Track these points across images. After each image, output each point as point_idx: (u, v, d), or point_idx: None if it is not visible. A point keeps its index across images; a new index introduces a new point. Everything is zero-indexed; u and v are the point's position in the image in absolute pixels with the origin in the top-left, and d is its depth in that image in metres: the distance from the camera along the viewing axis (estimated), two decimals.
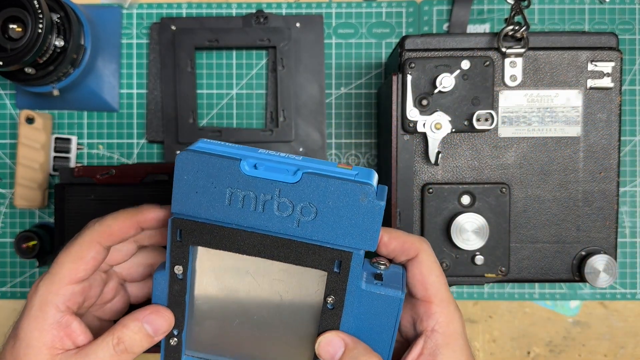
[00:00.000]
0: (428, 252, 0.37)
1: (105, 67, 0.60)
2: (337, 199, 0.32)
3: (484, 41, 0.47)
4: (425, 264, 0.36)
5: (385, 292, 0.35)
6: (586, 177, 0.48)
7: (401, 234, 0.37)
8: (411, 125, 0.47)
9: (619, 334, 0.61)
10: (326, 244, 0.33)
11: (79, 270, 0.36)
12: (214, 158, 0.32)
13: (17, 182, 0.59)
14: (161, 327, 0.36)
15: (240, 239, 0.34)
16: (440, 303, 0.36)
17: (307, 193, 0.32)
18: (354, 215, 0.32)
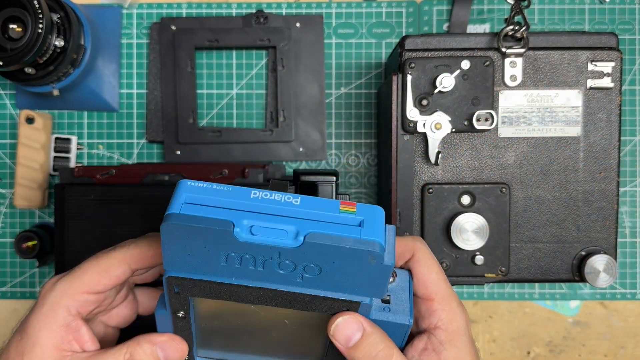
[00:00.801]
0: (423, 250, 0.36)
1: (105, 67, 0.60)
2: (343, 261, 0.30)
3: (484, 41, 0.47)
4: (422, 263, 0.36)
5: (395, 319, 0.34)
6: (586, 177, 0.48)
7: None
8: (411, 125, 0.47)
9: (619, 334, 0.61)
10: (331, 295, 0.32)
11: (100, 283, 0.36)
12: (204, 227, 0.28)
13: (17, 182, 0.59)
14: (173, 357, 0.36)
15: (240, 292, 0.32)
16: (442, 300, 0.36)
17: (310, 256, 0.29)
18: (362, 273, 0.30)
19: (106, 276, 0.36)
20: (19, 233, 0.58)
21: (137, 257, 0.36)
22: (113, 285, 0.37)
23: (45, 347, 0.36)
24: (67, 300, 0.36)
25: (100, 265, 0.36)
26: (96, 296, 0.37)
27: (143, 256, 0.36)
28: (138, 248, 0.36)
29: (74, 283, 0.36)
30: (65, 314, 0.36)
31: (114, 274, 0.36)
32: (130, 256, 0.36)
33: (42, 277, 0.62)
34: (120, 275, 0.36)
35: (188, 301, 0.33)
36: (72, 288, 0.36)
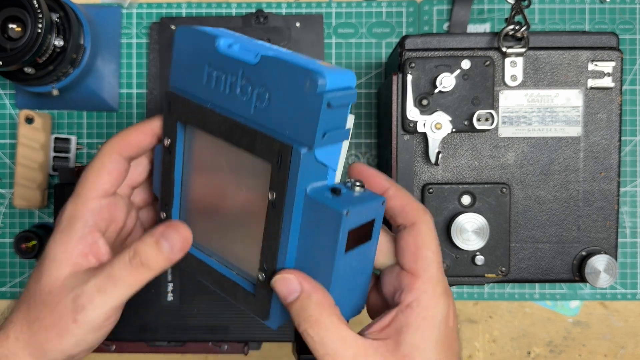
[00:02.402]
0: (429, 224, 0.34)
1: (104, 67, 0.60)
2: (287, 85, 0.30)
3: (484, 41, 0.47)
4: (422, 236, 0.34)
5: (328, 204, 0.31)
6: (587, 177, 0.48)
7: (406, 196, 0.35)
8: (411, 125, 0.47)
9: (619, 334, 0.61)
10: (273, 134, 0.31)
11: (103, 181, 0.36)
12: (199, 32, 0.33)
13: (16, 182, 0.59)
14: (176, 243, 0.35)
15: (209, 119, 0.34)
16: (428, 281, 0.33)
17: (263, 76, 0.31)
18: (298, 105, 0.30)
19: (105, 172, 0.36)
20: (18, 233, 0.58)
21: (123, 143, 0.37)
22: (116, 179, 0.37)
23: (59, 262, 0.36)
24: (79, 212, 0.36)
25: (94, 167, 0.36)
26: (106, 200, 0.36)
27: (129, 141, 0.37)
28: (122, 136, 0.37)
29: (80, 194, 0.36)
30: (81, 225, 0.36)
31: (111, 167, 0.36)
32: (116, 145, 0.37)
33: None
34: (118, 167, 0.36)
35: (176, 127, 0.36)
36: (80, 198, 0.36)
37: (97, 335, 0.36)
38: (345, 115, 0.31)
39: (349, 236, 0.31)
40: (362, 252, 0.33)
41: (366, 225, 0.33)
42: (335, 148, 0.32)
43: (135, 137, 0.37)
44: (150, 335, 0.52)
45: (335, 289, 0.33)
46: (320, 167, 0.32)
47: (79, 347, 0.36)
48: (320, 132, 0.30)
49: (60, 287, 0.36)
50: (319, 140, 0.30)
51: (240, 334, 0.52)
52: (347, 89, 0.30)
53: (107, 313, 0.35)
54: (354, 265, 0.33)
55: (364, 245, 0.33)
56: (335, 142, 0.32)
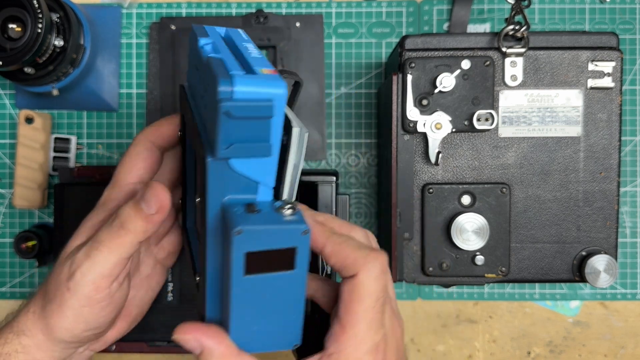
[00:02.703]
0: (371, 272, 0.32)
1: (104, 67, 0.60)
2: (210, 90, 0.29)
3: (484, 41, 0.47)
4: (358, 289, 0.32)
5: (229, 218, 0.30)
6: (587, 177, 0.48)
7: (346, 248, 0.33)
8: (411, 125, 0.47)
9: (619, 334, 0.61)
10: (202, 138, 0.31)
11: (138, 167, 0.37)
12: (194, 30, 0.34)
13: (16, 182, 0.59)
14: (152, 201, 0.34)
15: (187, 124, 0.35)
16: (353, 337, 0.32)
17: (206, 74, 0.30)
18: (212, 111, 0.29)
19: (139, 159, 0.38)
20: (18, 233, 0.58)
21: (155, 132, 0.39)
22: (150, 167, 0.38)
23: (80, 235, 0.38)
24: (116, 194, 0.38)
25: (129, 154, 0.38)
26: (141, 186, 0.37)
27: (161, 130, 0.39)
28: (154, 126, 0.39)
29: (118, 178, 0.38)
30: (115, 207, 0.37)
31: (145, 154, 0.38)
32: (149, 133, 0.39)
33: (42, 277, 0.62)
34: (151, 155, 0.38)
35: (183, 119, 0.37)
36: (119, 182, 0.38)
37: (93, 310, 0.36)
38: (267, 129, 0.29)
39: (249, 259, 0.29)
40: (279, 280, 0.31)
41: (280, 252, 0.30)
42: (265, 162, 0.30)
43: (167, 128, 0.38)
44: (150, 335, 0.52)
45: (239, 316, 0.31)
46: (244, 180, 0.30)
47: (78, 324, 0.36)
48: (222, 142, 0.28)
49: (65, 256, 0.36)
50: (222, 150, 0.29)
51: None
52: (261, 100, 0.28)
53: (96, 281, 0.35)
54: (266, 293, 0.31)
55: (279, 273, 0.31)
56: (253, 156, 0.30)
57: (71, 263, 0.35)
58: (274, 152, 0.30)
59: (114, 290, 0.36)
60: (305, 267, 0.31)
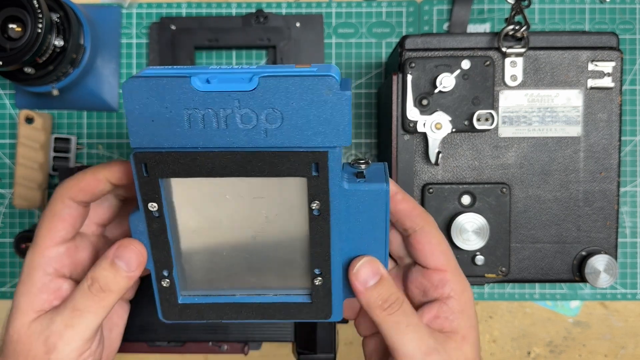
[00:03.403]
0: (436, 225, 0.37)
1: (104, 66, 0.60)
2: (301, 98, 0.30)
3: (484, 41, 0.47)
4: (435, 235, 0.36)
5: (370, 187, 0.34)
6: (587, 177, 0.48)
7: (412, 200, 0.37)
8: (411, 125, 0.47)
9: (620, 334, 0.61)
10: (299, 148, 0.31)
11: (57, 228, 0.35)
12: (162, 79, 0.29)
13: (16, 182, 0.59)
14: (132, 260, 0.34)
15: (209, 161, 0.31)
16: (454, 271, 0.37)
17: (267, 98, 0.29)
18: (322, 111, 0.30)
19: (58, 219, 0.35)
20: (18, 233, 0.58)
21: (74, 188, 0.35)
22: (71, 225, 0.35)
23: (24, 312, 0.35)
24: (38, 261, 0.35)
25: (47, 215, 0.35)
26: (64, 246, 0.36)
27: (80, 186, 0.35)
28: (73, 181, 0.35)
29: (37, 243, 0.35)
30: (41, 275, 0.35)
31: (64, 213, 0.35)
32: (67, 190, 0.35)
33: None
34: (71, 212, 0.35)
35: (159, 186, 0.32)
36: (37, 247, 0.35)
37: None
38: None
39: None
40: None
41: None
42: None
43: (88, 182, 0.35)
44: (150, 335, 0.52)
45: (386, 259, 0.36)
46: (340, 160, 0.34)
47: None
48: (348, 127, 0.31)
49: (28, 333, 0.35)
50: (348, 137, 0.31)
51: (240, 334, 0.52)
52: (342, 78, 0.32)
53: (80, 347, 0.35)
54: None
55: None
56: None
57: (47, 337, 0.34)
58: None
59: (94, 347, 0.36)
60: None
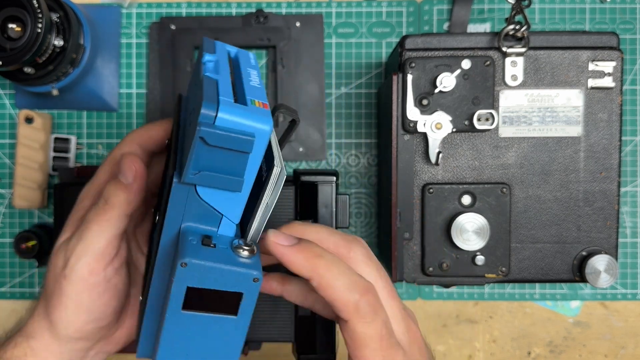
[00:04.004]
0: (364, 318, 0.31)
1: (104, 66, 0.60)
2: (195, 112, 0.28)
3: (484, 41, 0.47)
4: (356, 335, 0.31)
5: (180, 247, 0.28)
6: (587, 177, 0.48)
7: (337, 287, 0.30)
8: (411, 125, 0.47)
9: (620, 334, 0.61)
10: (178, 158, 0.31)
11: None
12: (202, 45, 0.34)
13: (16, 182, 0.59)
14: (128, 172, 0.36)
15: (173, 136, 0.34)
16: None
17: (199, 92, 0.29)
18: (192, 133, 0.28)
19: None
20: (18, 233, 0.58)
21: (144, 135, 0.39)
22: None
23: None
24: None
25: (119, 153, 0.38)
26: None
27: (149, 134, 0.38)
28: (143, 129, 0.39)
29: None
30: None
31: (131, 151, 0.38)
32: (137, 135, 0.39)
33: (42, 277, 0.62)
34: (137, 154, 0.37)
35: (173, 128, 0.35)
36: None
37: (91, 296, 0.36)
38: (242, 164, 0.28)
39: (189, 294, 0.28)
40: (218, 323, 0.29)
41: (225, 294, 0.28)
42: (233, 197, 0.29)
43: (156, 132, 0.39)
44: None
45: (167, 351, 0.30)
46: (208, 210, 0.29)
47: (79, 314, 0.36)
48: (192, 167, 0.27)
49: (55, 252, 0.37)
50: (190, 175, 0.27)
51: None
52: (243, 133, 0.27)
53: (90, 263, 0.35)
54: (202, 335, 0.29)
55: (222, 316, 0.29)
56: (222, 188, 0.28)
57: (65, 251, 0.36)
58: (244, 189, 0.29)
59: (109, 275, 0.36)
60: (249, 316, 0.29)
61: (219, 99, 0.27)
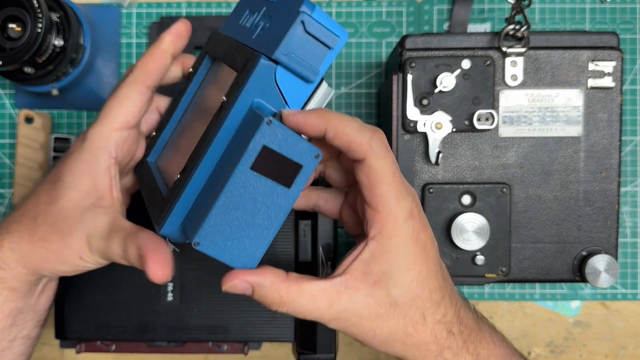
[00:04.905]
0: (378, 154, 0.33)
1: (104, 66, 0.60)
2: (285, 10, 0.33)
3: (484, 40, 0.47)
4: (373, 171, 0.33)
5: (258, 111, 0.32)
6: (587, 177, 0.48)
7: (349, 131, 0.33)
8: (411, 125, 0.47)
9: (620, 334, 0.61)
10: (251, 47, 0.34)
11: (127, 112, 0.37)
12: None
13: (16, 182, 0.59)
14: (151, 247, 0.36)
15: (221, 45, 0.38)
16: (387, 215, 0.33)
17: (276, 9, 0.34)
18: (284, 23, 0.32)
19: (130, 103, 0.37)
20: None
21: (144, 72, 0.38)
22: (140, 110, 0.38)
23: (86, 193, 0.36)
24: (105, 142, 0.37)
25: (119, 97, 0.37)
26: (128, 132, 0.37)
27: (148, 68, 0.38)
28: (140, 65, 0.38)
29: (104, 122, 0.37)
30: (106, 157, 0.37)
31: (136, 98, 0.37)
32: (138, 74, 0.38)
33: None
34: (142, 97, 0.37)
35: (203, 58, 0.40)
36: (106, 127, 0.37)
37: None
38: (320, 58, 0.32)
39: (261, 154, 0.31)
40: (272, 192, 0.32)
41: (288, 163, 0.31)
42: (301, 86, 0.33)
43: (153, 62, 0.38)
44: (150, 335, 0.52)
45: (221, 211, 0.31)
46: (276, 92, 0.32)
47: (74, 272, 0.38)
48: (284, 46, 0.31)
49: (78, 219, 0.36)
50: (281, 54, 0.31)
51: (240, 334, 0.52)
52: (332, 31, 0.32)
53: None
54: (257, 197, 0.32)
55: (278, 185, 0.32)
56: (299, 74, 0.32)
57: (90, 237, 0.36)
58: (315, 81, 0.33)
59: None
60: (298, 193, 0.32)
61: (315, 6, 0.32)
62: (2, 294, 0.38)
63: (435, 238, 0.37)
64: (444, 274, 0.37)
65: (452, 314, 0.36)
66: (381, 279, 0.34)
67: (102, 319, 0.52)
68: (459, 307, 0.37)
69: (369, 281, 0.34)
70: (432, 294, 0.35)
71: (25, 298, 0.40)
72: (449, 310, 0.36)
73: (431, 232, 0.36)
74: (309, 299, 0.33)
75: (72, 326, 0.52)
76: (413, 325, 0.35)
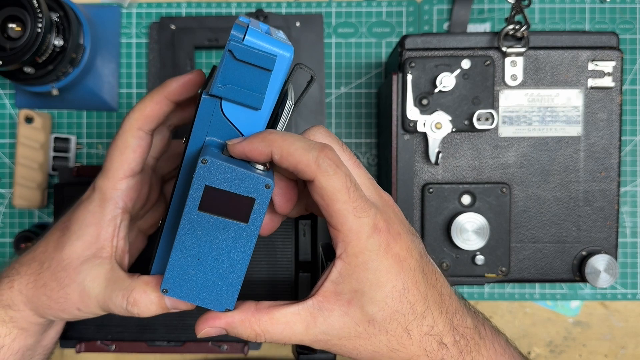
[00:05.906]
0: (327, 172, 0.31)
1: (104, 66, 0.60)
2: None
3: (484, 40, 0.47)
4: (324, 191, 0.31)
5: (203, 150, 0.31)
6: (587, 176, 0.48)
7: (294, 151, 0.31)
8: (411, 124, 0.47)
9: (620, 334, 0.61)
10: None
11: (129, 160, 0.37)
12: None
13: (16, 182, 0.59)
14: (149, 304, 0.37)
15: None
16: (348, 232, 0.32)
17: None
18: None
19: (130, 150, 0.37)
20: (18, 233, 0.58)
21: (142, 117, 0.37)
22: (141, 156, 0.37)
23: (88, 244, 0.37)
24: (111, 192, 0.37)
25: (118, 146, 0.37)
26: (134, 180, 0.38)
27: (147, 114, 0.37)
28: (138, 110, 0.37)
29: (108, 174, 0.37)
30: (113, 207, 0.37)
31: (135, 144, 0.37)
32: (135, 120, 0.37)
33: None
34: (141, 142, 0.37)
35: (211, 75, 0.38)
36: (110, 179, 0.37)
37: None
38: (263, 83, 0.31)
39: (206, 194, 0.30)
40: (230, 229, 0.31)
41: (238, 198, 0.31)
42: (253, 115, 0.32)
43: (151, 107, 0.37)
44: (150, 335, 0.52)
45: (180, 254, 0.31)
46: (227, 125, 0.32)
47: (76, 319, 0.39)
48: (220, 79, 0.30)
49: (77, 270, 0.37)
50: (217, 88, 0.31)
51: None
52: (266, 52, 0.30)
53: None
54: (215, 236, 0.31)
55: (233, 222, 0.31)
56: (243, 103, 0.31)
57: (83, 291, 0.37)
58: (264, 108, 0.31)
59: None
60: (259, 225, 0.31)
61: (250, 28, 0.30)
62: (12, 333, 0.40)
63: (417, 243, 0.35)
64: (429, 280, 0.35)
65: (442, 323, 0.34)
66: (354, 298, 0.33)
67: (102, 319, 0.52)
68: (451, 314, 0.35)
69: (342, 301, 0.33)
70: (414, 307, 0.33)
71: (35, 337, 0.41)
72: (437, 321, 0.34)
73: (409, 239, 0.35)
74: (284, 326, 0.33)
75: (72, 326, 0.52)
76: (398, 340, 0.34)
